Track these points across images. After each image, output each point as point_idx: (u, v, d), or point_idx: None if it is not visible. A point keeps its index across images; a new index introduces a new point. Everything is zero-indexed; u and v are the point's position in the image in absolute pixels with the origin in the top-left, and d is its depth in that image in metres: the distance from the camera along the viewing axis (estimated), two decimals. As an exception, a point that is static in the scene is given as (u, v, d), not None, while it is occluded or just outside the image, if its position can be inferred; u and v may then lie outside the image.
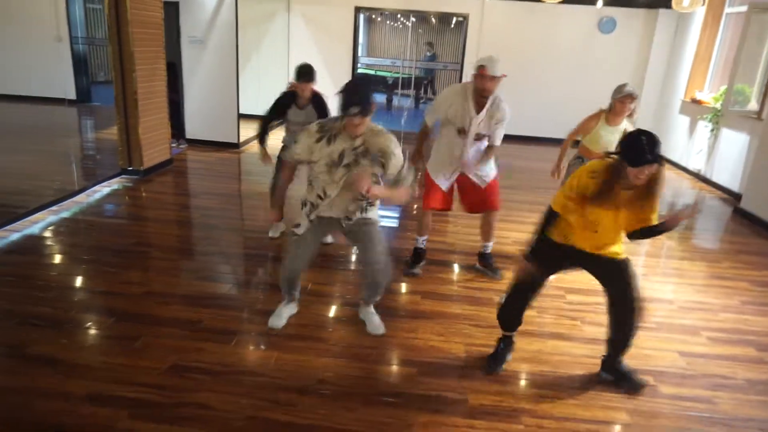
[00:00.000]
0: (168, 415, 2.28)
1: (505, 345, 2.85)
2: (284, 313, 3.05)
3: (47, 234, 4.16)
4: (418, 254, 3.91)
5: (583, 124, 3.88)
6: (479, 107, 3.39)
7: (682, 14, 7.86)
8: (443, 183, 3.68)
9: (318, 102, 3.90)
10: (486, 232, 3.87)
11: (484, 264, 3.93)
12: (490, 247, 3.92)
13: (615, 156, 2.29)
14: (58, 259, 3.84)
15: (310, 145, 2.66)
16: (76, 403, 2.31)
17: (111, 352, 2.70)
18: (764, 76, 6.28)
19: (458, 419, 2.38)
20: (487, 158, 3.59)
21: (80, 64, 9.34)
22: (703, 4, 7.48)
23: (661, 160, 2.18)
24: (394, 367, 2.76)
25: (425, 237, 3.91)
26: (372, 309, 3.09)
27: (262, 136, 3.99)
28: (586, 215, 2.41)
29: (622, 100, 3.64)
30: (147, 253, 3.98)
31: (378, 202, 2.88)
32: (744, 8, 6.72)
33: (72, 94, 9.23)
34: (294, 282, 2.97)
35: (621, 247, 2.54)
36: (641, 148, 2.14)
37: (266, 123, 3.99)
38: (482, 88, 3.32)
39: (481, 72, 3.27)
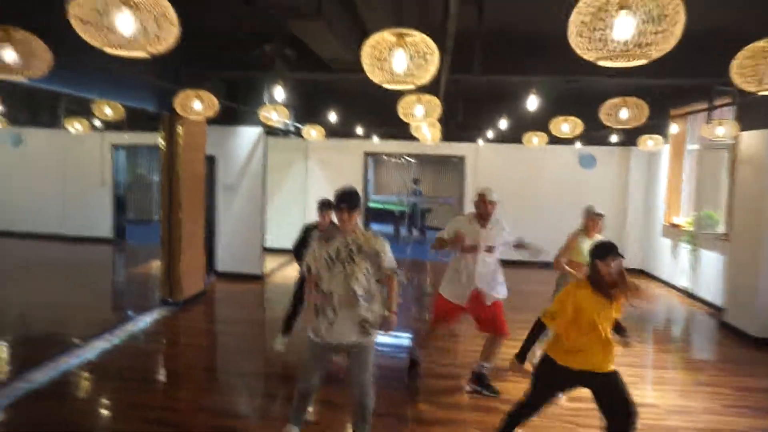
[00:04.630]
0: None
1: None
2: None
3: (104, 358, 4.73)
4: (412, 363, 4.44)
5: (569, 243, 4.59)
6: (483, 224, 4.10)
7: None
8: (454, 300, 4.14)
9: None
10: (487, 352, 4.25)
11: (480, 383, 4.22)
12: (487, 368, 4.25)
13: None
14: (116, 379, 4.36)
15: (315, 250, 3.10)
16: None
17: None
18: (728, 203, 7.16)
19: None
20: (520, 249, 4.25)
21: (119, 206, 10.50)
22: (667, 142, 8.66)
23: (619, 254, 2.85)
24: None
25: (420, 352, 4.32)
26: None
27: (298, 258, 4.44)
28: (581, 322, 2.88)
29: (592, 218, 4.47)
30: (192, 374, 4.53)
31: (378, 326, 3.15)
32: (698, 146, 7.84)
33: (109, 233, 10.32)
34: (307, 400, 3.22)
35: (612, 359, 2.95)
36: (604, 246, 2.93)
37: (296, 251, 4.54)
38: (483, 211, 4.05)
39: (482, 199, 4.06)
